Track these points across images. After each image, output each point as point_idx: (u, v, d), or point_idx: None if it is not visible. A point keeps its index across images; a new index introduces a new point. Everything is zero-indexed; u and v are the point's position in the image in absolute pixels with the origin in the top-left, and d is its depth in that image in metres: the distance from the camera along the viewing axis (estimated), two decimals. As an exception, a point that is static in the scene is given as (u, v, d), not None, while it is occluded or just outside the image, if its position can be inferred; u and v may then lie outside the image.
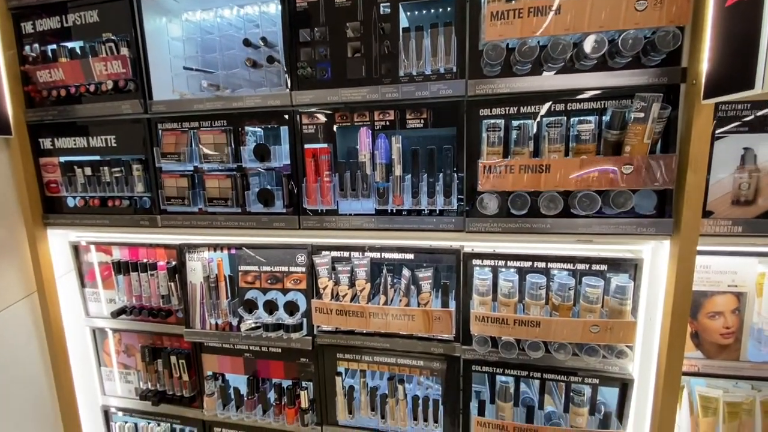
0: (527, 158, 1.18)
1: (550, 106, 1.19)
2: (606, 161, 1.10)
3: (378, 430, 1.65)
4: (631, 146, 1.10)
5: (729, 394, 1.31)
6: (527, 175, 1.16)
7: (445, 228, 1.33)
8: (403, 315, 1.45)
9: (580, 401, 1.41)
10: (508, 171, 1.17)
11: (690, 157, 1.09)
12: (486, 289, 1.40)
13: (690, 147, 1.09)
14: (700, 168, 1.09)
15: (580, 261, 1.36)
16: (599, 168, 1.10)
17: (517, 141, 1.22)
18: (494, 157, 1.21)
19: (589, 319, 1.31)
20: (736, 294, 1.29)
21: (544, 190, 1.17)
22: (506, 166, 1.17)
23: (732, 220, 1.16)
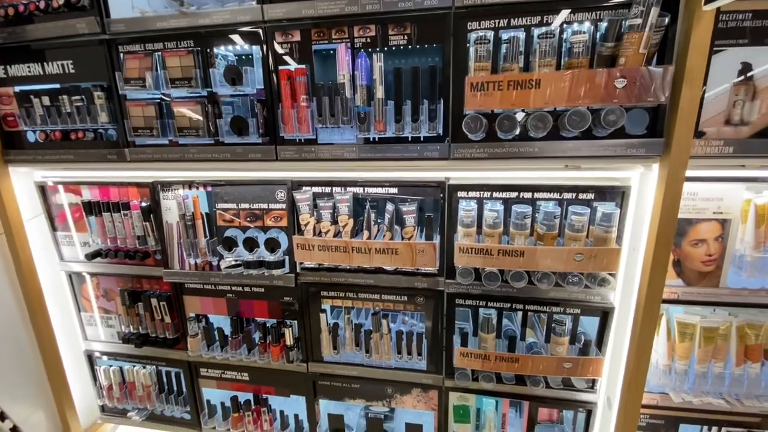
0: (521, 75, 1.11)
1: (542, 17, 1.11)
2: (598, 73, 1.03)
3: (363, 364, 1.67)
4: (625, 58, 1.03)
5: (706, 319, 1.33)
6: (516, 91, 1.09)
7: (429, 156, 1.28)
8: (387, 249, 1.42)
9: (561, 331, 1.43)
10: (496, 87, 1.10)
11: (686, 70, 1.03)
12: (471, 221, 1.36)
13: (687, 59, 1.02)
14: (696, 82, 1.04)
15: (566, 190, 1.32)
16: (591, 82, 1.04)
17: (506, 56, 1.14)
18: (482, 73, 1.13)
19: (573, 247, 1.29)
20: (720, 221, 1.28)
21: (534, 109, 1.11)
22: (494, 82, 1.09)
23: (724, 140, 1.12)
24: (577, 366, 1.41)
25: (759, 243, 1.23)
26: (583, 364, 1.41)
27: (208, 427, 1.91)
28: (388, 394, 1.70)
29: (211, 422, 1.89)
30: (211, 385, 1.88)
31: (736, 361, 1.35)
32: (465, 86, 1.12)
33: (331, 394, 1.75)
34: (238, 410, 1.83)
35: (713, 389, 1.38)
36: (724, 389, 1.37)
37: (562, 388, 1.50)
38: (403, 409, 1.75)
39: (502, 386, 1.55)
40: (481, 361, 1.47)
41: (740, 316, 1.34)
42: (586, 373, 1.42)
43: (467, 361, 1.49)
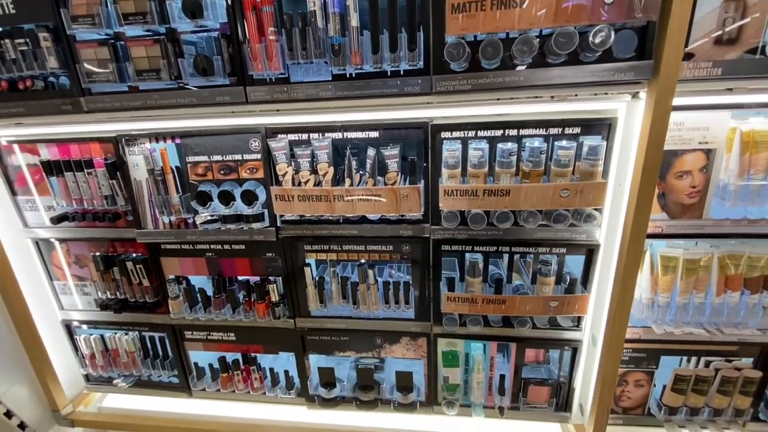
0: None
1: (527, -72, 1.02)
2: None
3: (351, 317, 1.65)
4: (615, -31, 0.96)
5: (689, 251, 1.34)
6: (500, 11, 1.02)
7: (410, 91, 1.20)
8: (370, 196, 1.37)
9: (547, 271, 1.43)
10: (478, 8, 1.02)
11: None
12: (455, 162, 1.32)
13: (679, -29, 0.96)
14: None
15: (553, 125, 1.28)
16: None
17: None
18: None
19: (559, 183, 1.27)
20: (705, 151, 1.26)
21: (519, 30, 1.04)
22: (477, 2, 1.02)
23: (713, 62, 1.08)
24: (563, 304, 1.42)
25: (744, 170, 1.23)
26: (569, 302, 1.42)
27: (197, 389, 1.89)
28: (378, 344, 1.69)
29: (200, 384, 1.87)
30: (198, 347, 1.85)
31: (717, 291, 1.37)
32: (446, 8, 1.04)
33: (321, 348, 1.74)
34: (226, 370, 1.81)
35: (694, 320, 1.41)
36: (704, 319, 1.41)
37: (548, 327, 1.52)
38: (393, 359, 1.76)
39: (490, 329, 1.56)
40: (469, 305, 1.47)
41: (722, 247, 1.35)
42: (572, 311, 1.43)
43: (455, 305, 1.48)
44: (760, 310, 1.37)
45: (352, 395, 1.74)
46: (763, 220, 1.30)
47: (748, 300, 1.37)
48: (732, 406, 1.51)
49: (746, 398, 1.49)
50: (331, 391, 1.74)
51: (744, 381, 1.46)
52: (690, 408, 1.53)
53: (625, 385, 1.60)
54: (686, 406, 1.53)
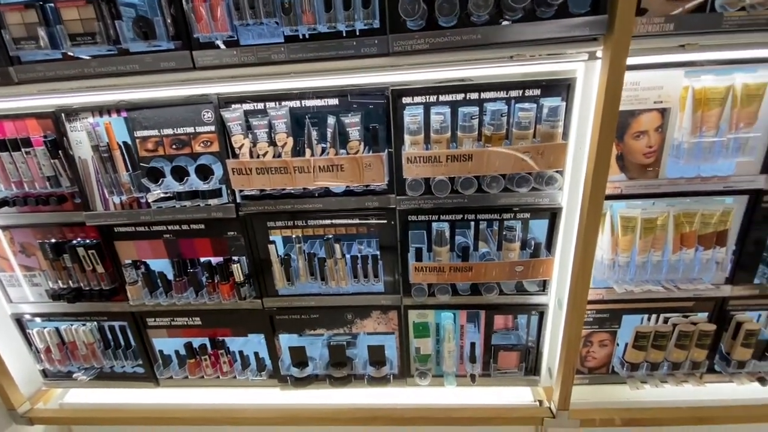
0: None
1: None
2: (540, -62, 0.94)
3: (320, 294, 1.62)
4: None
5: (646, 211, 1.38)
6: (454, -36, 0.98)
7: (367, 52, 1.16)
8: (331, 166, 1.32)
9: (512, 237, 1.43)
10: (431, -40, 0.98)
11: (629, -66, 0.96)
12: (417, 127, 1.29)
13: None
14: (638, -53, 0.97)
15: (513, 87, 1.27)
16: (532, -52, 0.94)
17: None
18: (415, -55, 1.01)
19: (521, 145, 1.26)
20: (660, 110, 1.28)
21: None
22: (429, -45, 0.97)
23: (665, 17, 1.09)
24: (528, 269, 1.44)
25: (696, 128, 1.25)
26: (534, 266, 1.43)
27: (164, 378, 1.83)
28: (348, 320, 1.68)
29: (166, 372, 1.81)
30: (162, 334, 1.77)
31: (673, 248, 1.42)
32: (398, -40, 1.00)
33: (291, 327, 1.71)
34: (193, 356, 1.75)
35: (652, 278, 1.46)
36: (661, 276, 1.46)
37: (515, 293, 1.54)
38: (365, 334, 1.74)
39: (459, 298, 1.56)
40: (436, 274, 1.46)
41: (677, 205, 1.39)
42: (537, 275, 1.45)
43: (423, 275, 1.48)
44: (713, 265, 1.43)
45: (325, 373, 1.72)
46: (714, 177, 1.34)
47: (702, 256, 1.42)
48: (689, 359, 1.58)
49: (702, 351, 1.56)
50: (304, 371, 1.71)
51: (699, 334, 1.53)
52: (650, 363, 1.59)
53: (590, 345, 1.64)
54: (647, 361, 1.59)
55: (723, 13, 1.08)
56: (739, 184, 1.34)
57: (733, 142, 1.26)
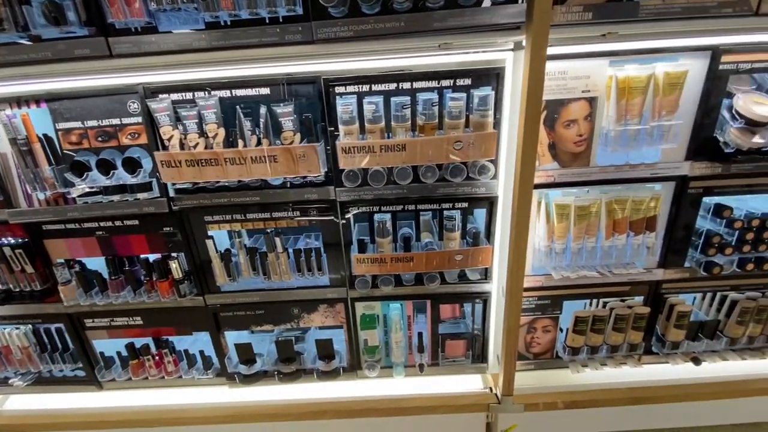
0: None
1: None
2: (452, -77, 0.94)
3: (264, 289, 1.59)
4: None
5: (579, 199, 1.41)
6: (368, -51, 0.97)
7: (291, 40, 1.13)
8: (264, 157, 1.29)
9: (452, 226, 1.44)
10: (346, -55, 0.96)
11: None
12: (350, 117, 1.27)
13: None
14: (551, -64, 0.98)
15: (444, 77, 1.27)
16: (446, -67, 0.94)
17: None
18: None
19: (452, 135, 1.26)
20: (588, 99, 1.31)
21: (390, -30, 1.00)
22: (343, -61, 0.96)
23: (584, 6, 1.11)
24: (467, 257, 1.45)
25: (621, 116, 1.29)
26: (473, 254, 1.45)
27: (106, 381, 1.76)
28: (295, 314, 1.65)
29: (108, 374, 1.74)
30: (102, 335, 1.71)
31: (606, 234, 1.45)
32: (313, -55, 0.97)
33: (236, 324, 1.67)
34: (136, 357, 1.69)
35: (588, 263, 1.50)
36: (596, 262, 1.50)
37: (458, 282, 1.55)
38: (314, 329, 1.73)
39: (403, 288, 1.56)
40: (378, 265, 1.46)
41: (609, 193, 1.43)
42: (477, 263, 1.47)
43: (365, 267, 1.47)
44: (644, 250, 1.48)
45: (273, 369, 1.70)
46: (642, 164, 1.38)
47: (634, 241, 1.46)
48: (627, 341, 1.64)
49: (638, 333, 1.61)
50: (252, 367, 1.69)
51: (635, 317, 1.58)
52: (590, 347, 1.64)
53: (534, 331, 1.68)
54: (587, 345, 1.64)
55: (639, 2, 1.11)
56: (665, 171, 1.39)
57: (657, 130, 1.30)
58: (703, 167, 1.38)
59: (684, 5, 1.11)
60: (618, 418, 1.71)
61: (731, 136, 1.30)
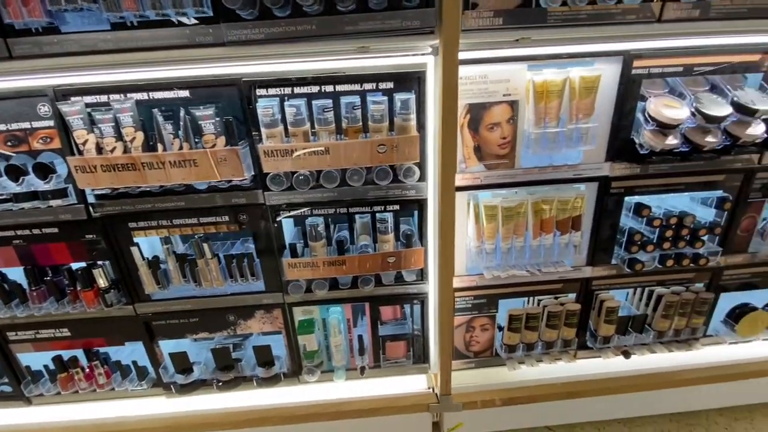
0: None
1: None
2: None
3: (196, 296, 1.55)
4: None
5: (506, 200, 1.43)
6: (269, -49, 0.96)
7: (202, 42, 1.11)
8: (183, 161, 1.26)
9: (385, 228, 1.45)
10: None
11: (444, -72, 0.98)
12: (271, 120, 1.26)
13: None
14: (455, -58, 0.99)
15: (366, 80, 1.27)
16: (346, -63, 0.94)
17: None
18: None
19: (375, 138, 1.27)
20: (510, 103, 1.34)
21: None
22: (243, -60, 0.94)
23: (494, 11, 1.13)
24: (400, 259, 1.46)
25: (539, 119, 1.32)
26: (406, 256, 1.45)
27: (34, 395, 1.68)
28: (231, 321, 1.62)
29: (36, 389, 1.66)
30: (27, 348, 1.63)
31: (533, 234, 1.49)
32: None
33: (170, 332, 1.63)
34: (64, 370, 1.62)
35: (517, 263, 1.53)
36: (525, 261, 1.53)
37: (394, 284, 1.56)
38: (257, 335, 1.70)
39: (340, 292, 1.56)
40: (311, 270, 1.45)
41: (536, 193, 1.46)
42: (410, 265, 1.48)
43: (297, 271, 1.45)
44: (571, 249, 1.52)
45: (212, 377, 1.66)
46: (564, 165, 1.42)
47: (561, 240, 1.51)
48: (561, 338, 1.68)
49: (571, 329, 1.66)
50: (189, 376, 1.64)
51: (567, 314, 1.63)
52: (526, 344, 1.68)
53: (473, 330, 1.70)
54: (523, 342, 1.68)
55: (547, 9, 1.14)
56: (587, 172, 1.43)
57: (576, 132, 1.34)
58: (622, 168, 1.43)
59: (590, 12, 1.15)
60: (558, 412, 1.75)
61: (645, 138, 1.35)
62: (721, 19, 1.19)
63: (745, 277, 1.70)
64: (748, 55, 1.33)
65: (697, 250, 1.55)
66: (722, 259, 1.62)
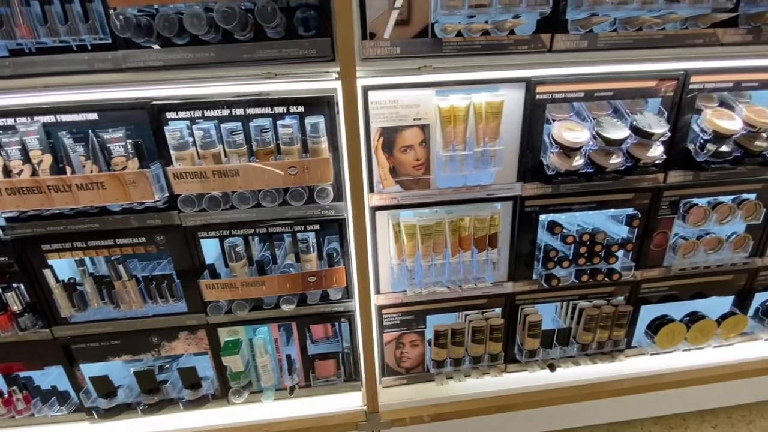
0: None
1: None
2: (237, -37, 0.97)
3: (117, 318, 1.53)
4: (262, -55, 0.98)
5: (424, 219, 1.47)
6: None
7: (101, 68, 1.12)
8: (90, 184, 1.26)
9: (306, 248, 1.46)
10: (134, -23, 0.97)
11: (333, -36, 1.03)
12: (179, 143, 1.27)
13: (331, -49, 1.02)
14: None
15: (276, 104, 1.29)
16: (232, -28, 0.97)
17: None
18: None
19: (285, 161, 1.29)
20: (421, 126, 1.38)
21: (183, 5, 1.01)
22: (130, -27, 0.96)
23: (391, 42, 1.18)
24: (321, 279, 1.47)
25: (448, 142, 1.37)
26: (326, 276, 1.47)
27: (-53, 425, 1.61)
28: (155, 343, 1.60)
29: (-51, 418, 1.60)
30: (-62, 376, 1.57)
31: (452, 252, 1.53)
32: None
33: (91, 356, 1.59)
34: (-22, 397, 1.57)
35: (438, 280, 1.56)
36: (446, 278, 1.56)
37: (319, 302, 1.57)
38: (186, 355, 1.68)
39: (263, 312, 1.56)
40: (230, 290, 1.45)
41: (453, 212, 1.50)
42: (332, 284, 1.49)
43: (216, 292, 1.45)
44: (490, 265, 1.56)
45: (137, 401, 1.62)
46: (478, 186, 1.47)
47: (479, 257, 1.55)
48: (487, 352, 1.72)
49: (497, 344, 1.70)
50: (112, 401, 1.61)
51: (491, 329, 1.66)
52: (454, 359, 1.70)
53: (403, 347, 1.72)
54: (450, 357, 1.70)
55: (442, 39, 1.19)
56: (500, 192, 1.49)
57: (484, 155, 1.39)
58: (534, 188, 1.49)
59: (484, 42, 1.21)
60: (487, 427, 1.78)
61: (551, 160, 1.42)
62: (608, 50, 1.26)
63: (663, 290, 1.77)
64: (645, 81, 1.41)
65: (611, 265, 1.62)
66: (639, 273, 1.69)
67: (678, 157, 1.51)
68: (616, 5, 1.16)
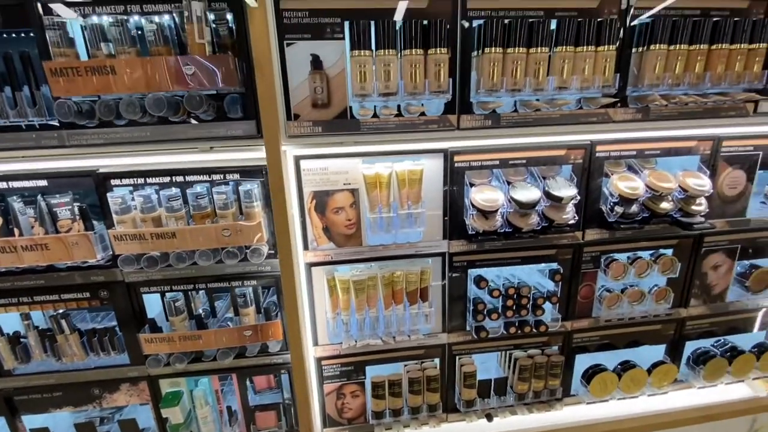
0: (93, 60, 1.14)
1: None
2: (167, 60, 1.12)
3: (60, 370, 1.58)
4: (190, 46, 1.13)
5: (357, 274, 1.56)
6: (97, 77, 1.12)
7: (48, 144, 1.25)
8: (35, 245, 1.35)
9: (243, 302, 1.54)
10: (76, 73, 1.11)
11: (255, 61, 1.18)
12: (121, 208, 1.37)
13: (253, 51, 1.17)
14: (265, 71, 1.19)
15: (214, 172, 1.41)
16: (163, 68, 1.12)
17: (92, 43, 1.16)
18: (63, 59, 1.14)
19: (219, 224, 1.40)
20: (351, 190, 1.50)
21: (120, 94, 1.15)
22: (74, 68, 1.10)
23: (313, 122, 1.32)
24: (257, 332, 1.54)
25: (374, 206, 1.49)
26: (262, 329, 1.54)
27: None
28: (96, 395, 1.64)
29: None
30: None
31: (385, 305, 1.61)
32: (47, 72, 1.11)
33: (33, 407, 1.62)
34: None
35: (372, 332, 1.63)
36: (380, 331, 1.64)
37: (257, 355, 1.63)
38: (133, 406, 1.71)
39: (202, 364, 1.61)
40: (168, 344, 1.51)
41: (385, 268, 1.60)
42: (268, 337, 1.56)
43: (155, 346, 1.51)
44: (422, 318, 1.65)
45: (76, 454, 1.64)
46: (407, 243, 1.57)
47: (411, 310, 1.63)
48: (425, 402, 1.76)
49: (435, 394, 1.75)
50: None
51: (428, 379, 1.72)
52: (393, 410, 1.74)
53: (344, 397, 1.76)
54: (389, 408, 1.74)
55: (360, 120, 1.34)
56: (428, 249, 1.59)
57: (409, 216, 1.51)
58: (460, 245, 1.60)
59: (397, 123, 1.35)
60: (426, 479, 1.79)
61: (471, 221, 1.54)
62: (510, 127, 1.41)
63: (595, 340, 1.85)
64: (554, 150, 1.55)
65: (538, 317, 1.70)
66: (569, 323, 1.78)
67: (593, 217, 1.64)
68: (511, 91, 1.32)
